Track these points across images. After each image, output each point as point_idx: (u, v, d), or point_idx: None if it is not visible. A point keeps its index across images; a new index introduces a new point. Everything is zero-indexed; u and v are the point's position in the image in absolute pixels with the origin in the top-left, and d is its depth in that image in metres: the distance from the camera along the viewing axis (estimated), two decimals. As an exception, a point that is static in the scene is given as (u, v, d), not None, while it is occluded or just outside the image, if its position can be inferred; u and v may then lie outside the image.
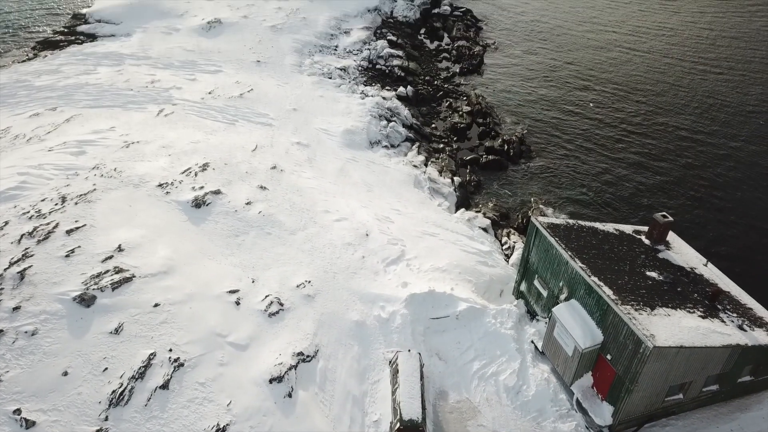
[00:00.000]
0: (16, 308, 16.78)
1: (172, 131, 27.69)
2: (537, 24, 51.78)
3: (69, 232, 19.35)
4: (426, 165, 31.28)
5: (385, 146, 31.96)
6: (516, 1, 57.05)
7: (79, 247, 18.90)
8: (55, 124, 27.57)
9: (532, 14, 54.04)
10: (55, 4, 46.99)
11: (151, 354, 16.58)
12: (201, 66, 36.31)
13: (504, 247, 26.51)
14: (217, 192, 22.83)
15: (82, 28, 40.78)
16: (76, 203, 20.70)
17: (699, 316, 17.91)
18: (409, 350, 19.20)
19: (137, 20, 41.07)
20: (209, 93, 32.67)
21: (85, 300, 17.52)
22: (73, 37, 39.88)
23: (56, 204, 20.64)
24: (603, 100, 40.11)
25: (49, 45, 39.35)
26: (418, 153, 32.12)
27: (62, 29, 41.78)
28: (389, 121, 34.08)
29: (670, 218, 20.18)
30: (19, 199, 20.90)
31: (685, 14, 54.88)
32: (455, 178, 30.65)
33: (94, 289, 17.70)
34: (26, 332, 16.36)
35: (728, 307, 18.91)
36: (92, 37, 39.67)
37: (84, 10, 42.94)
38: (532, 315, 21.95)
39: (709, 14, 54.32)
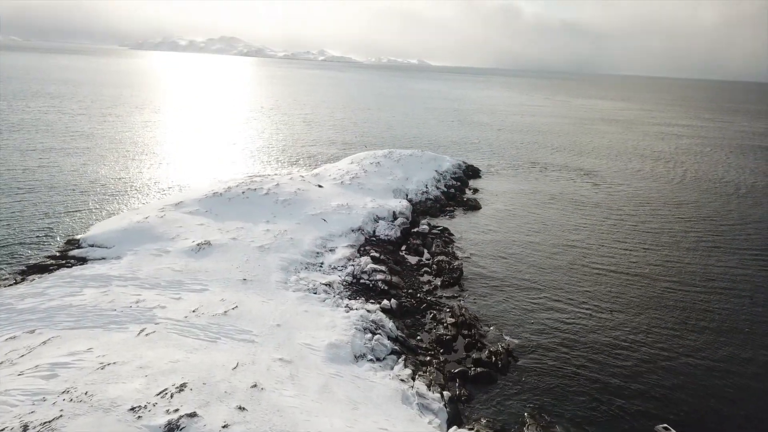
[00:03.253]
0: None
1: (152, 351, 26.90)
2: (513, 239, 54.86)
3: (24, 466, 17.52)
4: (413, 379, 30.20)
5: (371, 360, 31.15)
6: (491, 221, 61.05)
7: (31, 483, 16.95)
8: (30, 347, 26.72)
9: (509, 231, 57.52)
10: (50, 231, 49.03)
11: None
12: (187, 285, 36.85)
13: (502, 469, 24.35)
14: (193, 414, 21.37)
15: (74, 252, 42.03)
16: (37, 432, 19.11)
17: None
18: None
19: (129, 244, 42.68)
20: (193, 311, 32.62)
21: None
22: (63, 261, 40.83)
23: (15, 434, 19.01)
24: (588, 312, 40.77)
25: (38, 269, 40.07)
26: (405, 366, 31.24)
27: (54, 254, 43.05)
28: (374, 333, 33.81)
29: (673, 430, 19.11)
30: (-24, 430, 19.30)
31: (682, 247, 58.77)
32: (445, 393, 29.35)
33: None
34: None
35: None
36: (83, 261, 40.68)
37: (79, 236, 44.71)
38: None
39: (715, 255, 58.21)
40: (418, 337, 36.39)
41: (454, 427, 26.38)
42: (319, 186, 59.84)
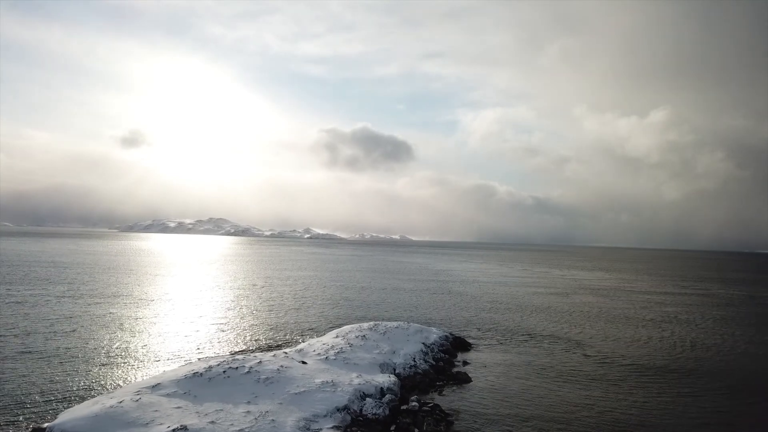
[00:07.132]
0: None
1: None
2: (508, 415, 52.19)
3: None
4: None
5: None
6: (483, 396, 58.68)
7: None
8: None
9: (502, 406, 55.05)
10: (16, 421, 45.94)
11: None
12: (158, 477, 33.79)
13: None
14: None
15: (38, 443, 39.08)
16: None
17: None
18: None
19: (99, 432, 39.89)
20: None
21: None
22: (25, 454, 37.76)
23: None
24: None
25: (-5, 464, 36.86)
26: None
27: (16, 446, 39.89)
28: None
29: None
30: None
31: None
32: None
33: None
34: None
35: None
36: (46, 453, 37.63)
37: (45, 425, 41.78)
38: None
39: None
40: None
41: None
42: (303, 362, 58.21)
